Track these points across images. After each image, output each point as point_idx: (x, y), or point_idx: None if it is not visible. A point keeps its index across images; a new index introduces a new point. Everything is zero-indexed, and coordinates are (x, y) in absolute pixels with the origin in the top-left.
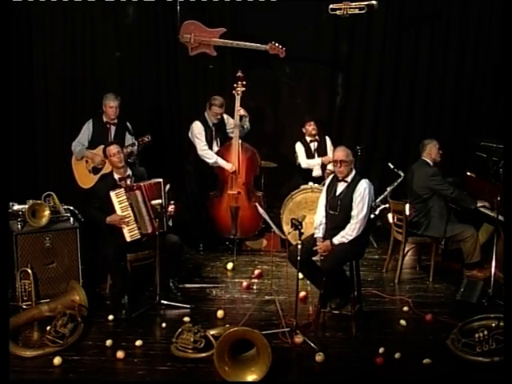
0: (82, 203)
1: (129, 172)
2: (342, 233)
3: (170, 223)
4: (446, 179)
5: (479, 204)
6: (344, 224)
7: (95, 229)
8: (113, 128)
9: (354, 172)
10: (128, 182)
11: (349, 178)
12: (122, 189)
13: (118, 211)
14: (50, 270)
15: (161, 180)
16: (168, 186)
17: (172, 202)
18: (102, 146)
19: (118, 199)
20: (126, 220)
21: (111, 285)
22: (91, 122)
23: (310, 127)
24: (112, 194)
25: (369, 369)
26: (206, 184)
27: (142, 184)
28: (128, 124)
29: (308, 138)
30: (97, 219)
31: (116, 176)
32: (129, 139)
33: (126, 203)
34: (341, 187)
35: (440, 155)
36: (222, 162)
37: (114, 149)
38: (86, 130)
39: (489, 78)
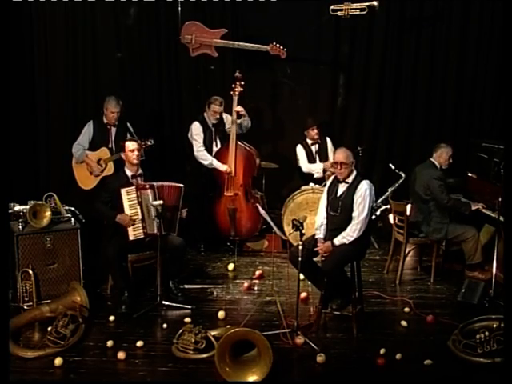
0: (83, 204)
1: (141, 171)
2: (343, 234)
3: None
4: (447, 183)
5: (473, 207)
6: (345, 225)
7: (96, 229)
8: (113, 129)
9: (354, 173)
10: (139, 181)
11: (350, 179)
12: (134, 187)
13: (126, 208)
14: (51, 271)
15: (181, 186)
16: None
17: (186, 209)
18: (103, 148)
19: (128, 197)
20: (133, 219)
21: (112, 285)
22: (91, 123)
23: (314, 132)
24: (123, 191)
25: (370, 370)
26: (207, 185)
27: (154, 184)
28: (129, 125)
29: (309, 141)
30: (105, 214)
31: (129, 173)
32: None
33: (135, 201)
34: (342, 188)
35: (448, 163)
36: (217, 163)
37: (133, 145)
38: (87, 132)
39: (490, 78)
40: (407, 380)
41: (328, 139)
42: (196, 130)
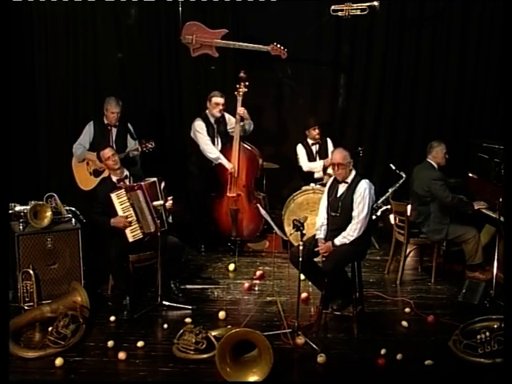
0: (84, 204)
1: (126, 173)
2: (344, 233)
3: (170, 219)
4: (448, 181)
5: (476, 207)
6: (345, 225)
7: (97, 230)
8: (114, 130)
9: (354, 173)
10: (127, 183)
11: (349, 179)
12: (123, 190)
13: (120, 212)
14: (51, 271)
15: (155, 179)
16: (163, 184)
17: (170, 197)
18: None
19: (119, 200)
20: (128, 220)
21: (113, 286)
22: (92, 123)
23: (315, 131)
24: (113, 195)
25: (370, 370)
26: (209, 185)
27: (142, 183)
28: (129, 125)
29: (310, 141)
30: (100, 223)
31: (114, 178)
32: (130, 141)
33: (127, 204)
34: (342, 189)
35: (445, 160)
36: (224, 159)
37: (108, 152)
38: (87, 132)
39: (491, 78)
40: (408, 380)
41: (329, 140)
42: (199, 125)
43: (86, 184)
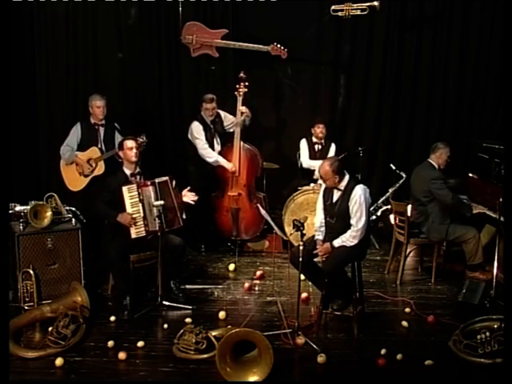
0: (83, 204)
1: (139, 169)
2: (343, 237)
3: (184, 216)
4: (448, 181)
5: (475, 211)
6: (342, 231)
7: (97, 229)
8: (101, 129)
9: (347, 179)
10: (138, 179)
11: (342, 186)
12: (135, 184)
13: (128, 206)
14: (51, 271)
15: (166, 178)
16: (174, 182)
17: (184, 191)
18: (93, 148)
19: (130, 194)
20: (134, 217)
21: (113, 286)
22: (79, 124)
23: (319, 129)
24: (124, 188)
25: (371, 370)
26: (210, 185)
27: (156, 181)
28: (116, 125)
29: (314, 139)
30: (105, 214)
31: (127, 171)
32: (119, 139)
33: (137, 199)
34: (336, 195)
35: (446, 163)
36: (222, 160)
37: (131, 143)
38: (75, 133)
39: (491, 78)
40: (408, 380)
41: (333, 145)
42: (196, 128)
43: (76, 185)
